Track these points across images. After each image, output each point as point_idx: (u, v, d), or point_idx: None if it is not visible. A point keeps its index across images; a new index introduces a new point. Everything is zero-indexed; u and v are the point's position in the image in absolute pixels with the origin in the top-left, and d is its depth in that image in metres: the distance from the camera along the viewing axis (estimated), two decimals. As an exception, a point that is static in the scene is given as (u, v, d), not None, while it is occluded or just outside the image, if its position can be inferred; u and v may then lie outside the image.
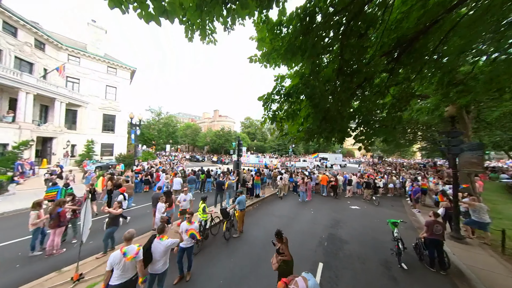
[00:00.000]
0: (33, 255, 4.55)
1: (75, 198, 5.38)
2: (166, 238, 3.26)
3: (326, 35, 2.70)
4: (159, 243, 3.16)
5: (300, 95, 2.45)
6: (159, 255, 3.12)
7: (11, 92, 14.02)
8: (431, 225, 4.64)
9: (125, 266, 2.76)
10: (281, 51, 2.87)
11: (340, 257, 5.01)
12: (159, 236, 3.25)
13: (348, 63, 3.01)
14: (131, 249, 2.86)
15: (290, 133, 2.91)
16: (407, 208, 9.67)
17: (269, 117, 2.79)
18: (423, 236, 4.87)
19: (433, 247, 4.62)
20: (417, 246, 5.12)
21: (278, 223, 7.12)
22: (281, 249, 3.48)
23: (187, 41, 2.99)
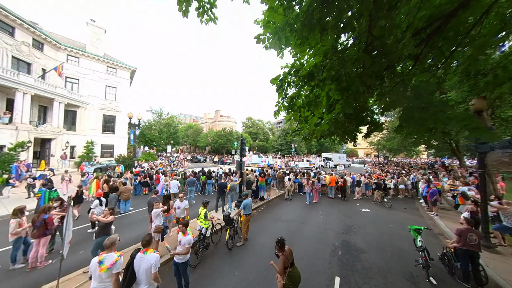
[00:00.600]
0: (14, 269, 4.06)
1: (63, 203, 4.89)
2: (151, 252, 2.71)
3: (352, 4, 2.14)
4: (142, 258, 2.64)
5: (323, 76, 1.90)
6: (142, 273, 2.58)
7: (8, 93, 13.72)
8: (464, 234, 4.03)
9: (100, 277, 2.50)
10: (296, 26, 2.32)
11: (359, 270, 4.43)
12: (143, 250, 2.73)
13: (377, 41, 2.45)
14: (109, 258, 2.58)
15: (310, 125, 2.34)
16: (422, 211, 9.02)
17: (284, 106, 2.24)
18: (453, 246, 4.27)
19: (467, 259, 4.01)
20: (445, 257, 4.51)
21: (286, 229, 6.56)
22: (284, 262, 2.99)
23: (181, 15, 2.46)
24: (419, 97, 1.60)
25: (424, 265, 4.18)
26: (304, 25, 2.26)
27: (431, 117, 1.47)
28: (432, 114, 1.47)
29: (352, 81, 1.84)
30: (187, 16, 2.57)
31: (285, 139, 46.03)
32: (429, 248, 4.50)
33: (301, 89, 2.20)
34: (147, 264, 2.60)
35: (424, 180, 10.09)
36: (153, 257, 2.66)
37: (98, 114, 20.44)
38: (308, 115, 2.30)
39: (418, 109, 1.54)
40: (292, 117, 2.30)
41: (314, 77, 1.97)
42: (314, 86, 2.06)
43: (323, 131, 2.12)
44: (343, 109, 1.87)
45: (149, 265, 2.60)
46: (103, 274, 2.47)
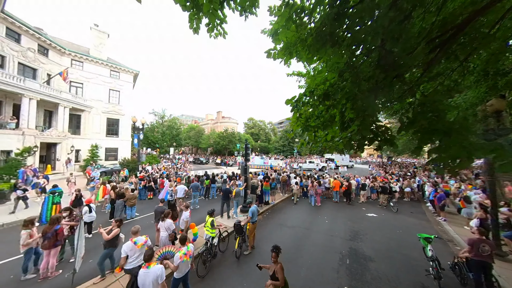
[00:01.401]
0: (25, 279, 4.11)
1: (72, 212, 4.94)
2: (154, 265, 2.77)
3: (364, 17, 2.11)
4: (147, 272, 2.68)
5: (338, 95, 1.88)
6: (149, 287, 2.60)
7: (15, 98, 13.93)
8: (476, 244, 3.96)
9: (136, 253, 3.43)
10: (307, 41, 2.30)
11: (368, 280, 4.39)
12: (146, 264, 2.76)
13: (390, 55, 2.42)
14: (140, 239, 3.56)
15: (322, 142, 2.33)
16: (429, 215, 8.91)
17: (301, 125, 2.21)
18: (464, 255, 4.20)
19: (479, 270, 3.94)
20: (456, 267, 4.43)
21: (292, 235, 6.53)
22: (276, 272, 2.97)
23: (192, 32, 2.46)
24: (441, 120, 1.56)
25: (436, 276, 4.12)
26: (316, 40, 2.24)
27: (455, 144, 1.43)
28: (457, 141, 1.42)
29: (368, 101, 1.82)
30: (197, 33, 2.57)
31: (287, 140, 45.95)
32: (439, 255, 4.44)
33: (316, 108, 2.18)
34: (153, 277, 2.63)
35: (431, 184, 9.95)
36: (158, 269, 2.72)
37: (102, 117, 20.64)
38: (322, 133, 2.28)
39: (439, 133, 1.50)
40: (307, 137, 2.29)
41: (329, 97, 1.95)
42: (329, 106, 2.05)
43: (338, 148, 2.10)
44: (361, 132, 1.84)
45: (156, 277, 2.65)
46: (139, 250, 3.46)
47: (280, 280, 2.90)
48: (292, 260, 5.07)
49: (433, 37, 2.80)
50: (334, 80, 1.97)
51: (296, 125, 2.37)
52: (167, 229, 4.58)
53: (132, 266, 3.31)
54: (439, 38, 2.89)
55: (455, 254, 4.78)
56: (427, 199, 10.33)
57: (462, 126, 1.57)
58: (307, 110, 2.22)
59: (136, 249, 3.42)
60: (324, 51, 2.35)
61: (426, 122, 1.66)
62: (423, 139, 1.69)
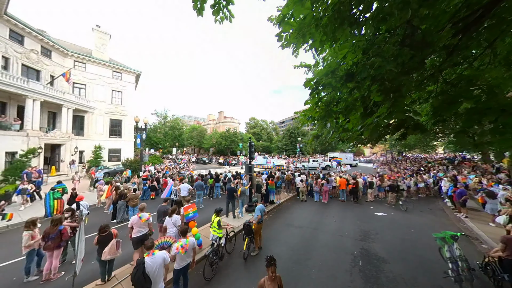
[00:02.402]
0: (27, 281, 3.99)
1: (74, 213, 4.81)
2: (157, 251, 3.03)
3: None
4: (153, 258, 2.87)
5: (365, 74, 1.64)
6: (157, 271, 2.81)
7: (19, 100, 13.99)
8: (511, 243, 3.66)
9: (140, 226, 4.28)
10: (323, 21, 2.08)
11: (384, 283, 4.14)
12: (151, 252, 2.97)
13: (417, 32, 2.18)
14: (144, 215, 4.37)
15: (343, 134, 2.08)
16: (449, 212, 8.52)
17: (320, 112, 1.97)
18: (496, 255, 3.87)
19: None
20: (487, 267, 4.07)
21: (300, 236, 6.30)
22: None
23: (196, 14, 2.27)
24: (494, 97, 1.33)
25: (457, 279, 3.83)
26: (334, 19, 2.02)
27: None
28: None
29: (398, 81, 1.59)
30: (202, 15, 2.38)
31: (289, 139, 45.62)
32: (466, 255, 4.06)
33: (338, 91, 1.95)
34: (159, 261, 2.89)
35: (449, 178, 9.48)
36: (162, 253, 3.00)
37: (105, 118, 20.69)
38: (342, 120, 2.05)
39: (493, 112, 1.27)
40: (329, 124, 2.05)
41: (353, 78, 1.73)
42: (353, 88, 1.81)
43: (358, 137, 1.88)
44: (394, 115, 1.61)
45: (162, 260, 2.92)
46: (143, 223, 4.29)
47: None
48: (302, 261, 4.85)
49: (460, 17, 2.55)
50: (357, 59, 1.74)
51: (315, 112, 2.13)
52: (174, 224, 4.52)
53: (137, 235, 4.21)
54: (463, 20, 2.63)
55: (485, 253, 4.44)
56: (444, 195, 9.88)
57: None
58: (328, 94, 2.00)
59: (140, 223, 4.24)
60: (341, 31, 2.12)
61: (472, 102, 1.42)
62: (470, 120, 1.45)
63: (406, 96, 1.67)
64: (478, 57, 3.22)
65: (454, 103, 1.51)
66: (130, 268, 4.28)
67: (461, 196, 7.64)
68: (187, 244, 3.35)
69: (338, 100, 1.93)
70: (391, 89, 1.61)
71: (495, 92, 1.40)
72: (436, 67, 2.89)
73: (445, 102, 1.61)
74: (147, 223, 4.35)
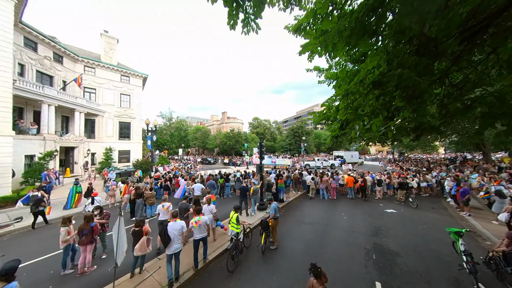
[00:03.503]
0: (64, 274, 4.33)
1: (102, 211, 5.14)
2: (178, 220, 4.08)
3: None
4: (174, 224, 3.96)
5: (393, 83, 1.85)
6: (176, 234, 3.85)
7: (34, 105, 14.59)
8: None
9: (163, 212, 5.46)
10: (345, 33, 2.29)
11: (398, 274, 4.31)
12: (173, 219, 4.06)
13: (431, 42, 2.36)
14: (165, 204, 5.55)
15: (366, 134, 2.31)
16: (452, 211, 8.62)
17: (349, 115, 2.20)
18: (500, 250, 4.04)
19: (519, 264, 3.79)
20: (491, 261, 4.27)
21: (312, 232, 6.51)
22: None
23: (229, 28, 2.51)
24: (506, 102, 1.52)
25: (472, 270, 3.98)
26: (356, 30, 2.22)
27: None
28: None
29: (420, 88, 1.79)
30: (234, 29, 2.62)
31: (293, 138, 45.65)
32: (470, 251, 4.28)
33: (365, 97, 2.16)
34: (179, 227, 3.93)
35: (452, 178, 9.60)
36: (181, 223, 4.05)
37: (114, 121, 21.27)
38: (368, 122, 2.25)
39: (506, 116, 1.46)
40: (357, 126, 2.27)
41: (381, 86, 1.94)
42: (380, 95, 2.03)
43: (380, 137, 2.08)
44: (418, 118, 1.82)
45: (180, 227, 3.96)
46: (165, 211, 5.40)
47: None
48: (317, 255, 5.06)
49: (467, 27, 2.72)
50: (382, 68, 1.95)
51: (343, 115, 2.36)
52: (210, 211, 5.39)
53: (161, 219, 5.44)
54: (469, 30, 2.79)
55: (489, 248, 4.60)
56: (447, 194, 10.00)
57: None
58: (356, 99, 2.21)
59: (163, 210, 5.46)
60: (363, 42, 2.33)
61: (486, 107, 1.62)
62: (485, 124, 1.64)
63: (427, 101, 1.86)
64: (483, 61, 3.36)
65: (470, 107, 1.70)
66: (158, 262, 4.59)
67: (465, 194, 7.71)
68: (200, 220, 4.31)
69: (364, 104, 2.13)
70: (414, 96, 1.81)
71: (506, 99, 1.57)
72: (443, 71, 3.05)
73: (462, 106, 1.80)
74: (168, 210, 5.38)
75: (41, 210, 6.98)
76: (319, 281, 2.63)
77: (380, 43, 2.31)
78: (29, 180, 12.00)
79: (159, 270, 4.27)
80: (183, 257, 4.26)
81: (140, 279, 4.00)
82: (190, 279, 4.11)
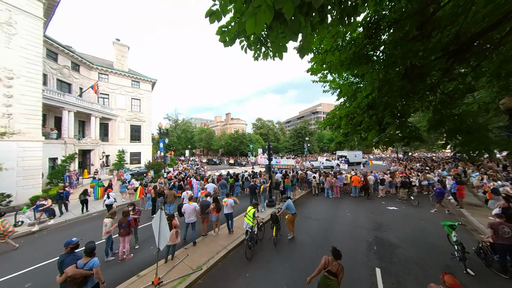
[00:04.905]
0: (108, 260, 5.10)
1: (135, 207, 5.90)
2: (192, 202, 5.94)
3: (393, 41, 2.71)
4: (190, 205, 5.81)
5: (381, 107, 2.49)
6: (190, 212, 5.73)
7: (55, 111, 15.69)
8: (495, 226, 4.33)
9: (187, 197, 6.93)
10: (346, 62, 2.94)
11: (396, 262, 4.89)
12: (188, 202, 5.99)
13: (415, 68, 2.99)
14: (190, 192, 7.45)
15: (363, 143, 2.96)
16: (452, 208, 9.05)
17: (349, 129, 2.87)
18: (488, 240, 4.57)
19: (504, 253, 4.31)
20: (481, 251, 4.79)
21: (318, 226, 7.12)
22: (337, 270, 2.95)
23: (253, 60, 3.19)
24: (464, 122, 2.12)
25: (461, 257, 4.53)
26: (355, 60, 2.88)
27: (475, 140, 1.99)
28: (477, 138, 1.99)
29: (405, 109, 2.42)
30: (258, 60, 3.30)
31: (297, 139, 46.10)
32: (463, 243, 4.82)
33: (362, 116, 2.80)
34: (191, 207, 5.74)
35: (452, 177, 10.02)
36: (194, 204, 5.88)
37: (126, 125, 22.35)
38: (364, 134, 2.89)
39: (462, 132, 2.06)
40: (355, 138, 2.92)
41: (373, 107, 2.57)
42: (373, 114, 2.66)
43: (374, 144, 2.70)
44: (401, 132, 2.44)
45: (194, 207, 5.78)
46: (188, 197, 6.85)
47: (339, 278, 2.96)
48: (323, 246, 5.67)
49: (449, 50, 3.33)
50: (374, 94, 2.58)
51: (345, 129, 3.02)
52: (231, 204, 6.38)
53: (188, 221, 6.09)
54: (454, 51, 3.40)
55: (479, 239, 5.11)
56: (448, 192, 10.37)
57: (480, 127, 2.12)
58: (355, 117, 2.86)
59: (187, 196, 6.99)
60: (361, 68, 2.98)
61: (451, 124, 2.23)
62: (450, 136, 2.26)
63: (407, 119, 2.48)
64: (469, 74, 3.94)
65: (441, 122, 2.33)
66: (185, 251, 5.31)
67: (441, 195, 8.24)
68: (227, 201, 6.27)
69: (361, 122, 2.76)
70: (398, 115, 2.44)
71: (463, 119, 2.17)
72: (435, 83, 3.66)
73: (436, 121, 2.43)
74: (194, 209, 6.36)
75: (86, 198, 9.20)
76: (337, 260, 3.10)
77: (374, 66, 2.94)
78: (53, 181, 13.04)
79: (188, 257, 4.98)
80: (205, 249, 5.03)
81: (173, 264, 4.72)
82: (216, 263, 4.82)
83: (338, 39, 3.01)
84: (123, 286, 4.04)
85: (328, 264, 3.12)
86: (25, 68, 10.25)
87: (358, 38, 2.91)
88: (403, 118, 2.44)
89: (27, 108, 10.37)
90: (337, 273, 2.97)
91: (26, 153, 10.28)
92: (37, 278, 4.57)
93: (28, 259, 5.36)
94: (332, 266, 3.03)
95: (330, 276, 3.00)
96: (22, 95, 10.18)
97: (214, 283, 4.25)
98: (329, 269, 3.04)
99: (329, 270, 3.04)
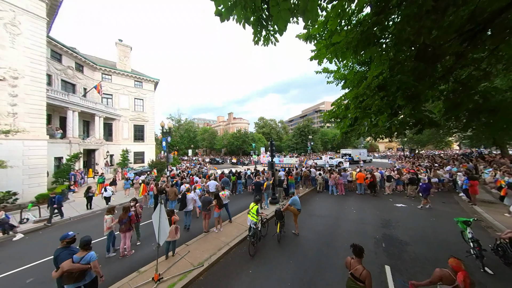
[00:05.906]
0: (109, 257, 5.03)
1: (137, 203, 5.82)
2: (190, 193, 6.89)
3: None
4: (189, 195, 6.70)
5: (394, 87, 2.27)
6: (189, 201, 6.53)
7: (60, 111, 15.91)
8: None
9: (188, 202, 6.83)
10: (353, 43, 2.73)
11: (406, 260, 4.65)
12: (187, 193, 6.77)
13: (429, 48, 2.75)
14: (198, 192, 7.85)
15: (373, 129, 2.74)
16: (463, 204, 8.67)
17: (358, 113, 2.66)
18: (507, 236, 4.27)
19: (525, 249, 4.02)
20: (499, 248, 4.50)
21: (324, 224, 6.90)
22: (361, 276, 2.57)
23: (253, 44, 3.02)
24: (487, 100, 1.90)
25: (478, 255, 4.25)
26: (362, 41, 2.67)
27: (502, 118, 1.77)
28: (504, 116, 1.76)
29: (417, 89, 2.20)
30: (258, 44, 3.13)
31: (300, 137, 45.68)
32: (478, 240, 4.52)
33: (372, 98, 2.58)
34: (191, 197, 6.62)
35: (464, 173, 9.60)
36: (192, 195, 6.85)
37: (129, 125, 22.53)
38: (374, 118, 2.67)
39: (486, 111, 1.84)
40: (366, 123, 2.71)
41: (384, 88, 2.36)
42: (383, 96, 2.44)
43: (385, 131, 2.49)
44: (416, 114, 2.22)
45: (191, 197, 6.62)
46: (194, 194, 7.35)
47: None
48: (329, 243, 5.46)
49: (464, 30, 3.06)
50: (385, 74, 2.37)
51: (354, 113, 2.81)
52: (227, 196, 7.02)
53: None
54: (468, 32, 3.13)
55: (496, 237, 4.81)
56: (459, 189, 9.98)
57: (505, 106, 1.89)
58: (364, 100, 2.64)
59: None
60: (369, 50, 2.76)
61: (472, 104, 2.00)
62: (472, 117, 2.03)
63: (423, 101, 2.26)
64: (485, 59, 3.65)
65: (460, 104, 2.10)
66: (186, 247, 5.20)
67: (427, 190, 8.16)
68: (225, 194, 6.86)
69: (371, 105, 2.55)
70: (412, 96, 2.22)
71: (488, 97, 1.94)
72: (447, 69, 3.40)
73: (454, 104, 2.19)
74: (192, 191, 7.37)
75: (91, 195, 9.44)
76: (358, 260, 2.78)
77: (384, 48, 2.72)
78: (59, 180, 13.21)
79: (189, 253, 4.86)
80: (207, 245, 4.90)
81: (174, 260, 4.61)
82: (218, 260, 4.68)
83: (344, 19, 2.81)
84: (123, 282, 3.94)
85: (350, 266, 2.78)
86: (29, 67, 10.38)
87: (365, 19, 2.71)
88: (418, 99, 2.22)
89: (32, 107, 10.50)
90: (361, 278, 2.59)
91: (31, 152, 10.40)
92: (38, 274, 4.54)
93: (30, 255, 5.36)
94: (355, 270, 2.68)
95: (355, 280, 2.64)
96: (27, 94, 10.31)
97: (216, 280, 4.11)
98: (352, 271, 2.72)
99: (352, 273, 2.72)
